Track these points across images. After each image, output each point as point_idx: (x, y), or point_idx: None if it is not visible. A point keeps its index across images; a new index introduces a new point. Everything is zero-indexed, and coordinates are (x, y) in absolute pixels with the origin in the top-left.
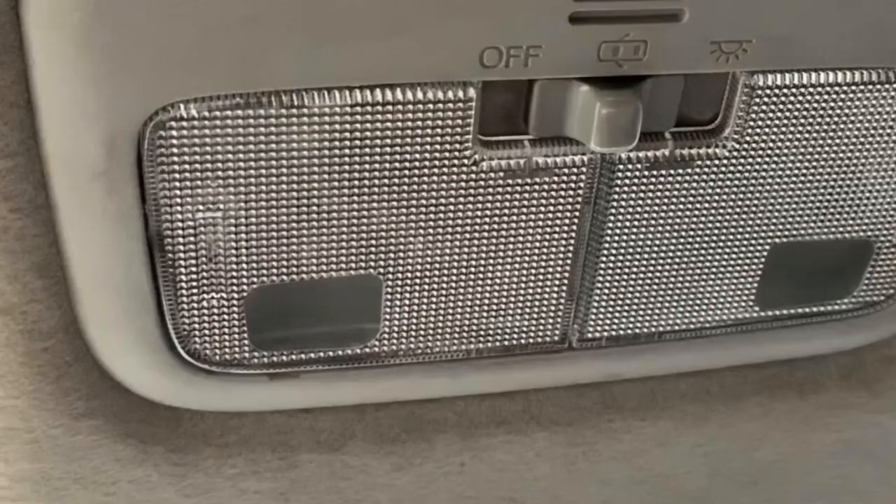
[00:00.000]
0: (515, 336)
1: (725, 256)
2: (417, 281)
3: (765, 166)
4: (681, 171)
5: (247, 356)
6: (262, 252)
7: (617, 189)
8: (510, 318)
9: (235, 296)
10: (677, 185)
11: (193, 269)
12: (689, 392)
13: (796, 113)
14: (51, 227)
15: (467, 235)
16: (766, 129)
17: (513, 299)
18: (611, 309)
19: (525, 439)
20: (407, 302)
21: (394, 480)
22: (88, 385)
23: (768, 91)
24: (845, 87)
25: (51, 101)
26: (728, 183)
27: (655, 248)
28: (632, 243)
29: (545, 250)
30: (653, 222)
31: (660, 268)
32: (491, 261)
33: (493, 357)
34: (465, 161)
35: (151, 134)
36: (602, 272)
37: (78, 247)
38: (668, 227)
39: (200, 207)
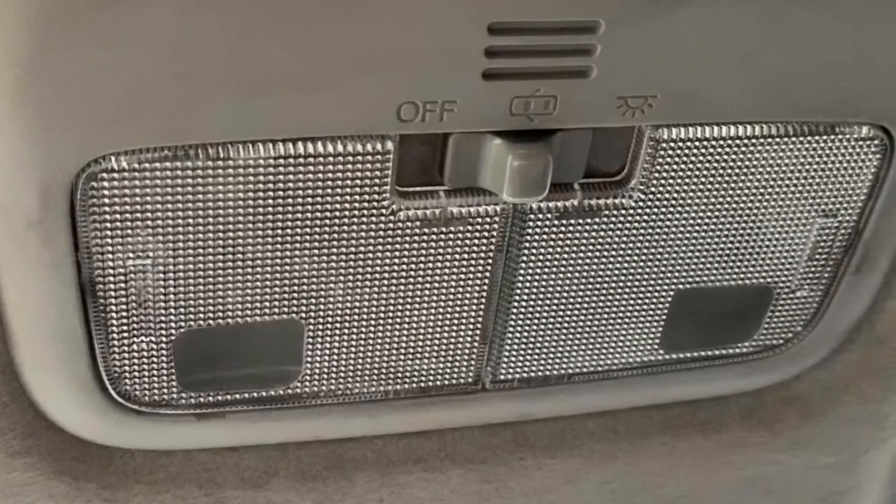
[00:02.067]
0: (431, 378)
1: (631, 302)
2: (337, 325)
3: (669, 216)
4: (589, 220)
5: (175, 397)
6: (189, 297)
7: (528, 237)
8: (426, 360)
9: (164, 339)
10: (586, 234)
11: (124, 313)
12: (597, 431)
13: (699, 165)
14: None
15: (385, 282)
16: (671, 181)
17: (429, 342)
18: (522, 352)
19: (440, 476)
20: (327, 345)
21: None
22: (24, 424)
23: (672, 144)
24: (746, 141)
25: None
26: (634, 232)
27: (565, 294)
28: (542, 289)
29: (460, 296)
30: (562, 269)
31: (569, 313)
32: (408, 306)
33: (409, 398)
34: (384, 211)
35: (84, 185)
36: (514, 317)
37: (14, 293)
38: (577, 274)
39: (131, 255)
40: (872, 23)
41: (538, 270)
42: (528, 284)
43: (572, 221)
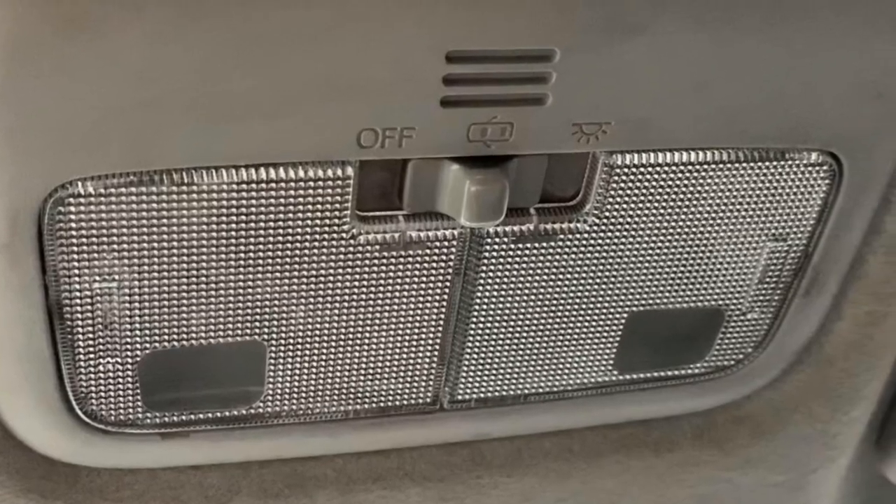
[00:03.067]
0: (390, 398)
1: (586, 324)
2: (299, 346)
3: (623, 240)
4: (544, 244)
5: (140, 417)
6: (154, 319)
7: (485, 261)
8: (385, 380)
9: (129, 360)
10: (541, 258)
11: (90, 335)
12: (553, 450)
13: (652, 190)
14: None
15: (346, 304)
16: (624, 205)
17: (388, 363)
18: (479, 372)
19: (399, 494)
20: (289, 366)
21: None
22: None
23: (626, 170)
24: (698, 166)
25: None
26: (588, 255)
27: (521, 316)
28: (499, 311)
29: (418, 318)
30: (519, 292)
31: (525, 334)
32: (368, 327)
33: (369, 417)
34: (344, 235)
35: (51, 210)
36: (471, 338)
37: None
38: (532, 297)
39: (97, 278)
40: (820, 52)
41: (495, 293)
42: (485, 307)
43: (528, 245)
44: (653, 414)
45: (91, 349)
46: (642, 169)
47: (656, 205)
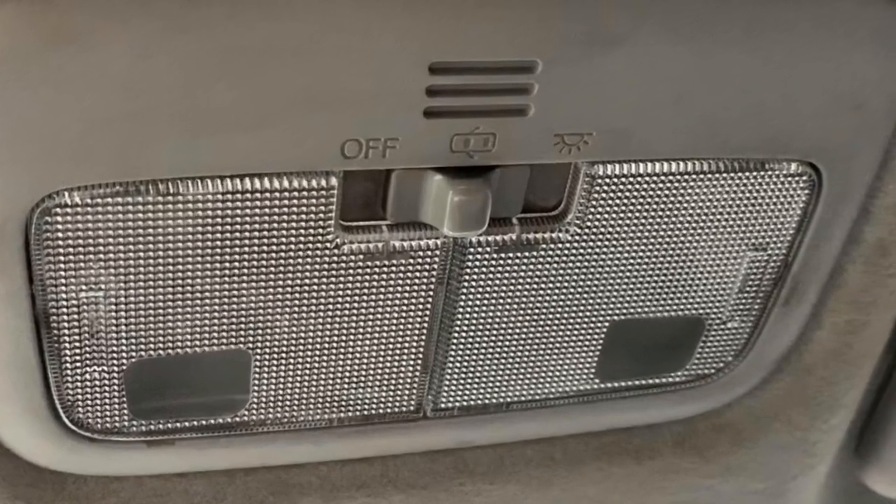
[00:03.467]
0: (374, 406)
1: (568, 332)
2: (284, 355)
3: (604, 249)
4: (527, 253)
5: (126, 424)
6: (140, 328)
7: (468, 270)
8: (369, 389)
9: (116, 369)
10: (524, 267)
11: (77, 344)
12: (535, 458)
13: (633, 200)
14: None
15: (330, 313)
16: (606, 215)
17: (372, 372)
18: (462, 381)
19: (383, 502)
20: (274, 375)
21: None
22: None
23: (607, 180)
24: (678, 177)
25: None
26: (570, 265)
27: (504, 325)
28: (482, 320)
29: (402, 327)
30: (501, 301)
31: (508, 343)
32: (352, 336)
33: (353, 425)
34: (328, 245)
35: (38, 219)
36: (454, 347)
37: None
38: (515, 306)
39: (83, 287)
40: (800, 64)
41: (478, 302)
42: (467, 316)
43: (510, 255)
44: (634, 422)
45: (77, 358)
46: (623, 179)
47: (637, 215)
